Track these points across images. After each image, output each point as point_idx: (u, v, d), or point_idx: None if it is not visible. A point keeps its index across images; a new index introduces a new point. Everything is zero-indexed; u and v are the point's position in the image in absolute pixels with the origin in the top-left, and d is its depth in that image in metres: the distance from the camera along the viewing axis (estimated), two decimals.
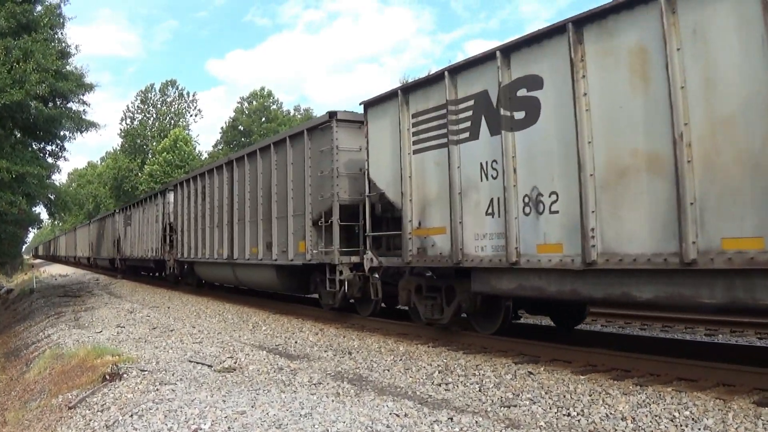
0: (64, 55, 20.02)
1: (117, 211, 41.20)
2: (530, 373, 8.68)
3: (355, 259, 13.76)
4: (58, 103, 20.11)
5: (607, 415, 6.63)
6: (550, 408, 7.07)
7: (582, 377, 8.26)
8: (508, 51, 9.35)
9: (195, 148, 73.51)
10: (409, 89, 11.60)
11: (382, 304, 14.11)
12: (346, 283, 13.76)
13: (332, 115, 14.35)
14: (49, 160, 21.79)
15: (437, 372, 9.12)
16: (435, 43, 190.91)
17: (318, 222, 14.55)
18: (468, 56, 10.50)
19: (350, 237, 14.28)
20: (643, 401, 6.95)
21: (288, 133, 17.01)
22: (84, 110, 21.17)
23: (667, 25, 7.18)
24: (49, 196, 22.52)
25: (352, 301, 14.45)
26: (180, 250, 26.48)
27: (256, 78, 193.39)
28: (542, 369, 8.87)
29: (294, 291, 17.43)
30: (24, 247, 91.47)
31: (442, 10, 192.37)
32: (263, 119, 75.69)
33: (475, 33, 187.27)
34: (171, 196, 28.43)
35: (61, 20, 20.26)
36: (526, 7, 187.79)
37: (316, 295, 16.30)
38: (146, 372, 9.24)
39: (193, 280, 26.70)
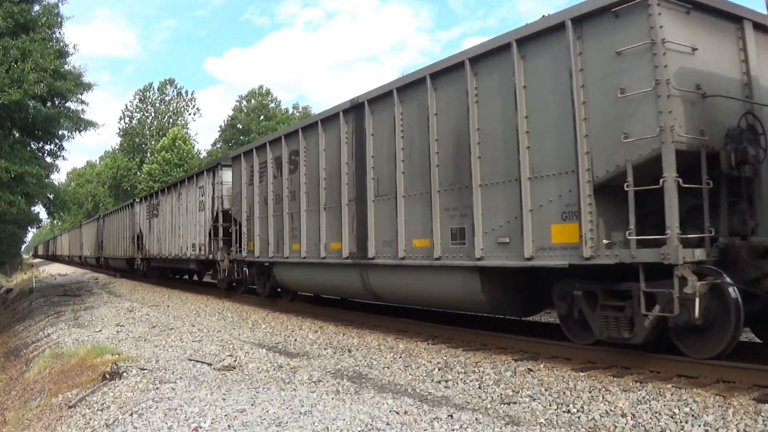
0: (63, 54, 19.96)
1: (137, 200, 35.46)
2: (530, 370, 8.68)
3: (701, 254, 7.75)
4: (57, 102, 20.06)
5: (607, 412, 6.63)
6: (550, 405, 7.07)
7: (582, 374, 8.26)
8: None
9: (194, 147, 73.43)
10: None
11: None
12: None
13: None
14: (48, 159, 21.76)
15: (437, 369, 9.12)
16: (434, 42, 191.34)
17: (605, 185, 8.30)
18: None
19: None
20: (643, 398, 6.95)
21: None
22: (82, 110, 21.16)
23: None
24: (48, 195, 22.49)
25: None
26: (244, 247, 19.25)
27: (254, 77, 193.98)
28: (542, 366, 8.87)
29: (509, 312, 11.65)
30: (23, 246, 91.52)
31: (441, 8, 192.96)
32: (262, 118, 75.59)
33: (473, 31, 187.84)
34: (226, 175, 21.50)
35: (59, 20, 20.21)
36: (525, 5, 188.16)
37: (555, 320, 11.05)
38: (146, 371, 9.24)
39: (266, 288, 18.84)
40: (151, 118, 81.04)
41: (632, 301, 7.99)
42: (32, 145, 21.04)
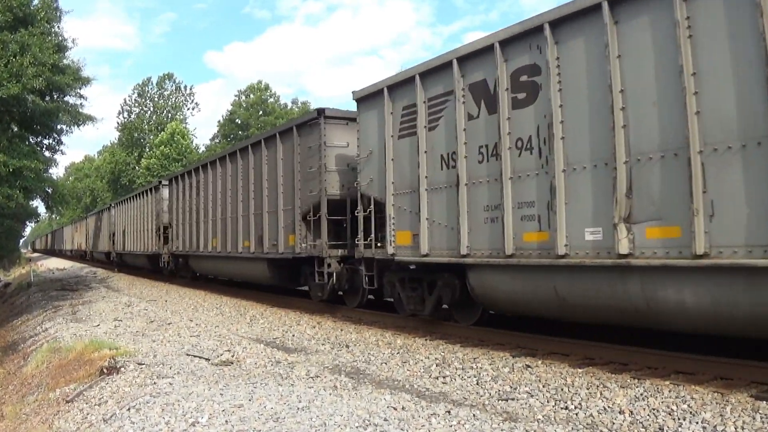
0: (61, 48, 19.89)
1: (164, 183, 29.89)
2: (528, 366, 8.68)
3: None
4: (55, 96, 19.98)
5: (604, 408, 6.64)
6: (548, 401, 7.08)
7: (580, 370, 8.27)
8: None
9: (192, 142, 73.50)
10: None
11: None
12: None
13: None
14: (47, 153, 21.66)
15: (435, 365, 9.12)
16: (435, 36, 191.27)
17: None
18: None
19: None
20: (641, 394, 6.96)
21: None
22: (81, 104, 21.08)
23: None
24: (47, 189, 22.42)
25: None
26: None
27: (254, 70, 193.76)
28: (540, 362, 8.88)
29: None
30: (21, 241, 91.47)
31: (442, 2, 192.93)
32: (261, 113, 75.57)
33: (475, 25, 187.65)
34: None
35: (58, 14, 20.12)
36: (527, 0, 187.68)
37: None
38: (144, 365, 9.23)
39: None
40: (149, 112, 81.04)
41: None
42: (31, 140, 20.98)
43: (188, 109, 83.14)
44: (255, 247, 18.13)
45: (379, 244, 12.91)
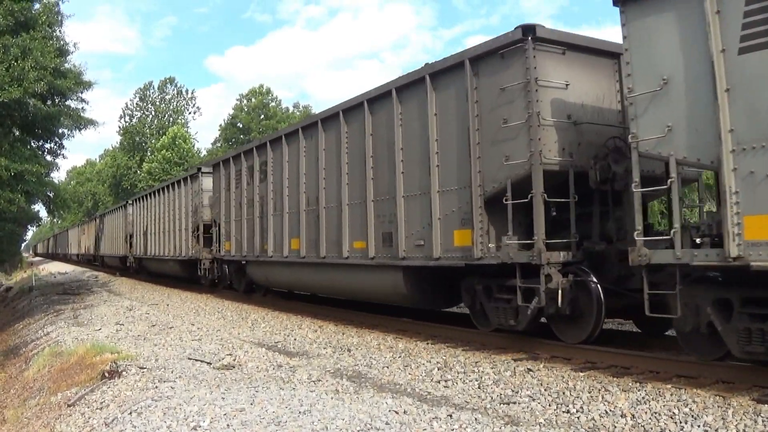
0: (63, 52, 19.92)
1: (203, 171, 24.08)
2: (529, 370, 8.68)
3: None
4: (57, 100, 20.03)
5: (606, 412, 6.63)
6: (550, 405, 7.07)
7: (581, 374, 8.26)
8: None
9: (194, 146, 73.53)
10: None
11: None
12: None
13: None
14: (48, 157, 21.69)
15: (436, 369, 9.11)
16: (436, 39, 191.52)
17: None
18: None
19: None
20: (643, 398, 6.95)
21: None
22: (82, 108, 21.15)
23: None
24: (48, 194, 22.48)
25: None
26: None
27: (256, 74, 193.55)
28: (541, 366, 8.87)
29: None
30: (23, 245, 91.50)
31: (443, 5, 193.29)
32: (262, 116, 75.63)
33: (476, 29, 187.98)
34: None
35: (59, 18, 20.17)
36: (528, 3, 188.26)
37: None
38: (145, 369, 9.24)
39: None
40: (151, 116, 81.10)
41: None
42: (32, 144, 21.01)
43: (190, 113, 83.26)
44: (377, 249, 12.59)
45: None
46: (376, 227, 12.50)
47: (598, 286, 8.97)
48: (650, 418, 6.33)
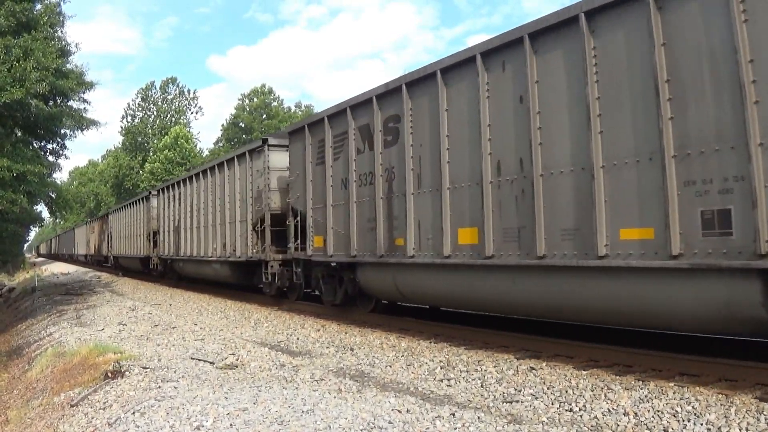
0: (64, 53, 19.95)
1: (257, 149, 19.33)
2: (532, 368, 8.68)
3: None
4: (59, 101, 20.04)
5: (609, 411, 6.63)
6: (552, 403, 7.07)
7: (584, 372, 8.26)
8: None
9: (196, 146, 73.64)
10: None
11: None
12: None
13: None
14: (50, 158, 21.73)
15: (439, 368, 9.12)
16: (438, 39, 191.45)
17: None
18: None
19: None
20: (646, 396, 6.95)
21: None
22: (84, 108, 21.15)
23: None
24: (50, 194, 22.51)
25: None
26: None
27: (257, 74, 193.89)
28: (544, 364, 8.87)
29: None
30: (26, 245, 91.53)
31: (445, 5, 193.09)
32: (264, 116, 75.70)
33: (477, 28, 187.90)
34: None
35: (61, 18, 20.18)
36: (529, 3, 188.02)
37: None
38: (148, 369, 9.24)
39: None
40: (153, 116, 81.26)
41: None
42: (34, 144, 21.05)
43: (192, 113, 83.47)
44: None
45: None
46: (685, 203, 7.39)
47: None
48: (653, 417, 6.33)
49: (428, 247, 11.17)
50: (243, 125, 76.54)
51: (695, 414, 6.26)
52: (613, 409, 6.67)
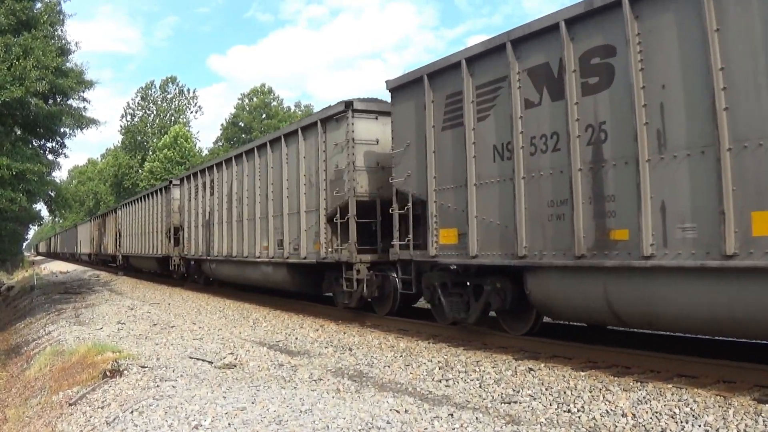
0: (64, 52, 19.93)
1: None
2: (530, 369, 8.68)
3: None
4: (58, 100, 20.03)
5: (607, 412, 6.63)
6: (551, 404, 7.07)
7: (582, 373, 8.26)
8: None
9: (195, 145, 73.55)
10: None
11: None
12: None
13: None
14: (50, 157, 21.69)
15: (437, 368, 9.12)
16: (438, 39, 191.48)
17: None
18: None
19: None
20: (644, 398, 6.95)
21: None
22: (84, 107, 21.13)
23: None
24: (50, 193, 22.48)
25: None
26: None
27: (257, 74, 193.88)
28: (542, 365, 8.87)
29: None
30: (24, 244, 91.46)
31: (446, 5, 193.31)
32: (264, 116, 75.64)
33: (478, 29, 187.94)
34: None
35: (61, 17, 20.16)
36: (529, 3, 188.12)
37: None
38: (147, 368, 9.24)
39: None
40: (152, 115, 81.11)
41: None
42: (34, 143, 21.03)
43: (191, 112, 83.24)
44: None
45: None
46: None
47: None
48: (651, 418, 6.33)
49: (683, 243, 7.31)
50: (242, 125, 76.47)
51: (693, 415, 6.26)
52: (611, 410, 6.67)
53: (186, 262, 26.27)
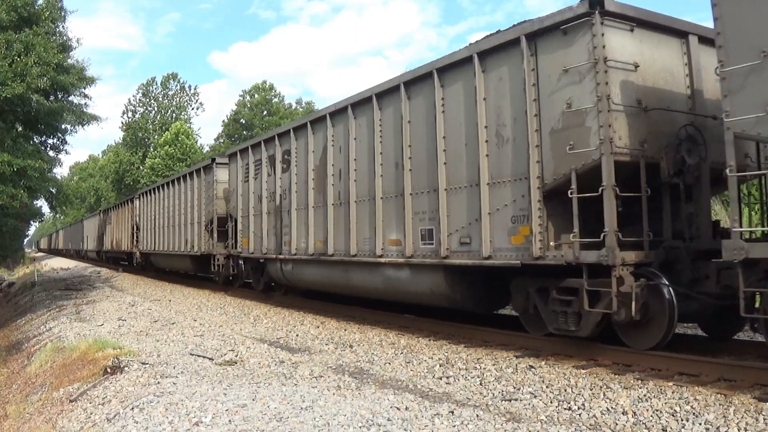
0: (66, 48, 19.93)
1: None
2: (531, 366, 8.67)
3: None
4: (60, 96, 20.03)
5: (608, 410, 6.63)
6: (551, 402, 7.07)
7: (583, 371, 8.26)
8: None
9: (197, 142, 73.53)
10: None
11: None
12: None
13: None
14: (51, 153, 21.70)
15: (438, 365, 9.12)
16: (440, 36, 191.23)
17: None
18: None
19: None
20: (644, 396, 6.95)
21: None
22: (85, 103, 21.12)
23: None
24: (51, 189, 22.45)
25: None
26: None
27: (259, 71, 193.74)
28: (543, 363, 8.87)
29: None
30: (26, 240, 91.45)
31: (448, 2, 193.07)
32: (265, 113, 75.65)
33: (480, 26, 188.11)
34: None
35: (63, 13, 20.16)
36: (531, 0, 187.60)
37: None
38: (147, 365, 9.25)
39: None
40: (154, 112, 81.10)
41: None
42: (35, 139, 21.04)
43: (193, 109, 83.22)
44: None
45: None
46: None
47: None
48: (652, 416, 6.33)
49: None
50: (244, 121, 76.48)
51: (694, 413, 6.26)
52: (611, 408, 6.67)
53: (236, 261, 20.32)
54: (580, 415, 6.57)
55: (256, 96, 77.36)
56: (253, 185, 18.54)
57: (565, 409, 6.79)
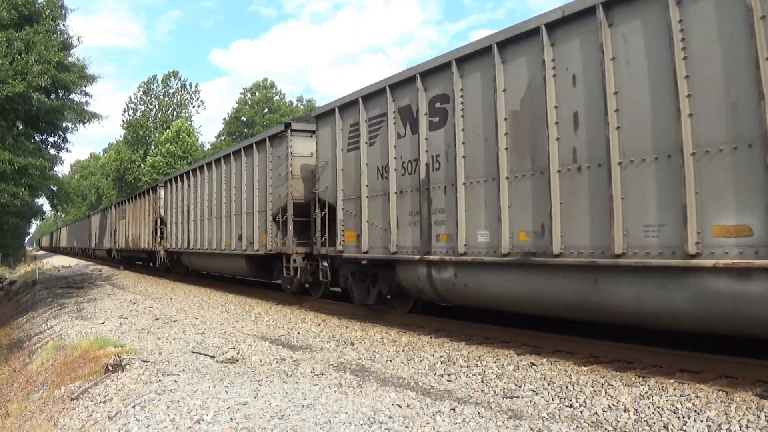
0: (66, 46, 19.93)
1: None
2: (532, 364, 8.68)
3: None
4: (60, 94, 20.02)
5: (609, 407, 6.63)
6: (553, 399, 7.07)
7: (584, 368, 8.26)
8: None
9: (198, 139, 73.53)
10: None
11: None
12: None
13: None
14: (52, 151, 21.72)
15: (440, 363, 9.12)
16: (441, 34, 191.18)
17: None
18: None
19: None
20: (646, 393, 6.95)
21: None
22: (86, 102, 21.11)
23: None
24: (52, 187, 22.49)
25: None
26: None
27: (260, 68, 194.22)
28: (545, 360, 8.87)
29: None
30: (27, 238, 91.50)
31: (449, 0, 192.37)
32: (266, 110, 75.64)
33: (481, 23, 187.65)
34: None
35: (63, 11, 20.18)
36: None
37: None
38: (149, 363, 9.25)
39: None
40: (155, 110, 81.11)
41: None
42: (36, 137, 21.06)
43: (194, 106, 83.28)
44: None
45: None
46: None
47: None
48: (653, 413, 6.33)
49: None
50: (245, 119, 76.48)
51: (695, 411, 6.26)
52: (613, 405, 6.67)
53: (323, 263, 15.85)
54: (581, 412, 6.57)
55: (257, 94, 77.34)
56: (366, 154, 13.21)
57: (566, 406, 6.79)
